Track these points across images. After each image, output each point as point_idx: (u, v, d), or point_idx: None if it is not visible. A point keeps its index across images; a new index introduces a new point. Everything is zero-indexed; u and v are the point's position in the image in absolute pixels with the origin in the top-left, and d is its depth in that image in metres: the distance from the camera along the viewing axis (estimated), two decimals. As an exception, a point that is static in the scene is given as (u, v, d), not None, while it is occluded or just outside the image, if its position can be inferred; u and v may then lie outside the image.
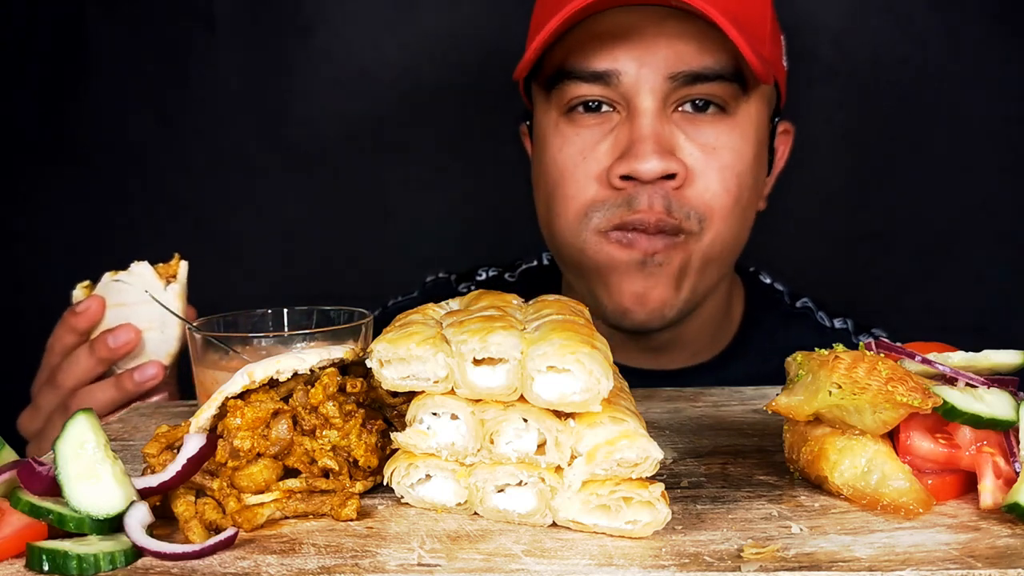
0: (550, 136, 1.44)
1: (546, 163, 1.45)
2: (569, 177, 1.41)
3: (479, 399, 0.86)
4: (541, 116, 1.47)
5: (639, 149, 1.34)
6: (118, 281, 1.35)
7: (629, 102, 1.37)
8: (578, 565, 0.77)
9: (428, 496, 0.89)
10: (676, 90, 1.36)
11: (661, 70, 1.35)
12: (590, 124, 1.40)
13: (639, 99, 1.36)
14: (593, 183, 1.40)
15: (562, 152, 1.42)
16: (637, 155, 1.34)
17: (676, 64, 1.35)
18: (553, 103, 1.43)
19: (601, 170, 1.39)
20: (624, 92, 1.37)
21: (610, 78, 1.36)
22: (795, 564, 0.75)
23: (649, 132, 1.35)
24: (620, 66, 1.36)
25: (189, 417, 0.92)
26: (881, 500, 0.85)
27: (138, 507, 0.82)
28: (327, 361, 0.94)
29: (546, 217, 1.47)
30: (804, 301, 1.67)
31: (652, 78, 1.35)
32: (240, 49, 2.09)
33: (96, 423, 0.84)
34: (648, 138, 1.35)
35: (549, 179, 1.44)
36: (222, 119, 2.11)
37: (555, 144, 1.43)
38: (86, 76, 2.10)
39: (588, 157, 1.40)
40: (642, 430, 0.83)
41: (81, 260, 2.14)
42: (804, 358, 0.93)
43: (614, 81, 1.36)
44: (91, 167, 2.12)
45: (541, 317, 0.91)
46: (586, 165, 1.40)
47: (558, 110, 1.43)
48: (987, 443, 0.86)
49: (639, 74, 1.35)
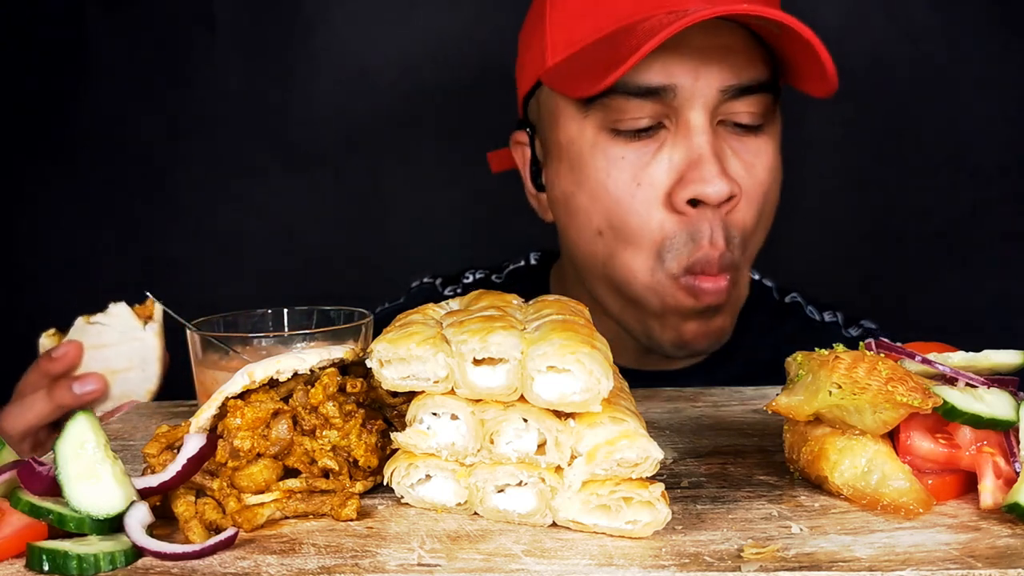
0: (588, 155, 1.36)
1: (590, 188, 1.37)
2: (627, 207, 1.33)
3: (479, 399, 0.86)
4: (572, 132, 1.38)
5: (705, 172, 1.29)
6: (95, 324, 1.34)
7: (680, 117, 1.31)
8: (578, 565, 0.77)
9: (428, 496, 0.89)
10: (724, 103, 1.32)
11: (715, 83, 1.30)
12: (637, 143, 1.33)
13: (693, 114, 1.30)
14: (656, 212, 1.33)
15: (611, 177, 1.34)
16: (705, 178, 1.28)
17: (729, 77, 1.30)
18: (591, 118, 1.35)
19: (660, 195, 1.32)
20: (678, 107, 1.30)
21: (666, 93, 1.29)
22: (795, 564, 0.75)
23: (710, 151, 1.30)
24: (676, 80, 1.29)
25: (189, 417, 0.92)
26: (881, 500, 0.85)
27: (138, 507, 0.82)
28: (327, 361, 0.94)
29: (599, 249, 1.40)
30: (793, 296, 1.66)
31: (707, 92, 1.29)
32: (240, 49, 2.09)
33: (96, 423, 0.84)
34: (711, 158, 1.29)
35: (597, 207, 1.36)
36: (222, 119, 2.11)
37: (599, 166, 1.35)
38: (86, 76, 2.10)
39: (643, 183, 1.32)
40: (642, 430, 0.83)
41: (81, 260, 2.14)
42: (804, 358, 0.93)
43: (669, 96, 1.29)
44: (91, 167, 2.13)
45: (541, 317, 0.91)
46: (643, 192, 1.33)
47: (598, 126, 1.34)
48: (987, 443, 0.86)
49: (695, 88, 1.29)
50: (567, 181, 1.41)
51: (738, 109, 1.33)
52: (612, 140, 1.34)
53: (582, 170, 1.37)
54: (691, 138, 1.31)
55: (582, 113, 1.36)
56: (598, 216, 1.38)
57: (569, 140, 1.39)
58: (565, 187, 1.42)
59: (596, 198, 1.37)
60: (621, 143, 1.34)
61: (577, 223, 1.42)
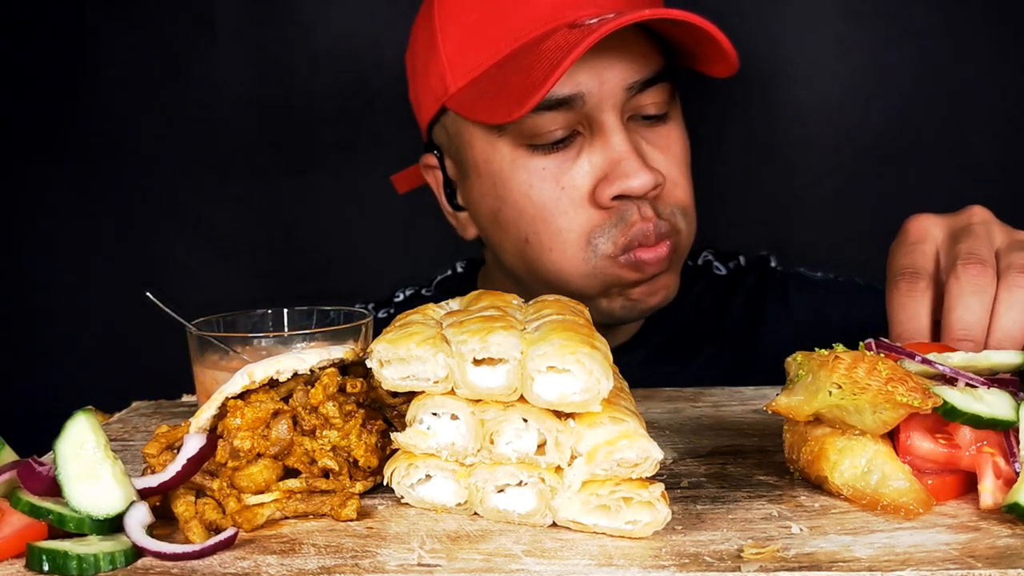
0: (509, 172, 1.39)
1: (512, 202, 1.40)
2: (553, 211, 1.38)
3: (479, 399, 0.86)
4: (488, 152, 1.41)
5: (626, 167, 1.34)
6: None
7: (593, 122, 1.36)
8: (578, 565, 0.77)
9: (428, 496, 0.89)
10: (630, 100, 1.37)
11: (619, 83, 1.35)
12: (556, 154, 1.37)
13: (604, 116, 1.35)
14: (582, 210, 1.37)
15: (534, 188, 1.38)
16: (627, 173, 1.33)
17: (631, 73, 1.36)
18: (506, 138, 1.38)
19: (584, 195, 1.37)
20: (588, 113, 1.35)
21: (575, 101, 1.34)
22: (795, 564, 0.76)
23: (628, 148, 1.35)
24: (583, 88, 1.33)
25: (189, 417, 0.92)
26: (881, 500, 0.85)
27: (138, 507, 0.82)
28: (327, 361, 0.94)
29: (529, 254, 1.43)
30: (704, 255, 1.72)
31: (614, 92, 1.35)
32: (240, 49, 2.09)
33: (96, 423, 0.85)
34: (631, 154, 1.34)
35: (524, 217, 1.40)
36: (222, 119, 2.11)
37: (521, 179, 1.38)
38: (86, 76, 2.10)
39: (567, 187, 1.37)
40: (642, 430, 0.83)
41: (81, 260, 2.14)
42: (804, 358, 0.93)
43: (579, 103, 1.34)
44: (91, 167, 2.12)
45: (541, 317, 0.91)
46: (567, 195, 1.37)
47: (514, 144, 1.38)
48: (987, 443, 0.86)
49: (601, 91, 1.34)
50: (490, 198, 1.44)
51: (644, 102, 1.38)
52: (531, 155, 1.38)
53: (504, 185, 1.41)
54: (607, 139, 1.36)
55: (495, 134, 1.39)
56: (525, 225, 1.41)
57: (486, 160, 1.42)
58: (489, 203, 1.45)
59: (521, 210, 1.40)
60: (540, 156, 1.38)
61: (504, 235, 1.45)
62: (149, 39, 2.09)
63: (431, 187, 1.59)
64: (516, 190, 1.39)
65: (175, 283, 2.07)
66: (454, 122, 1.46)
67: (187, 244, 2.14)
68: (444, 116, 1.47)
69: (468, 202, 1.51)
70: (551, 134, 1.35)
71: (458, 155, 1.48)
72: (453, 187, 1.53)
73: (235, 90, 2.10)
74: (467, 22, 1.40)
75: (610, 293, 1.43)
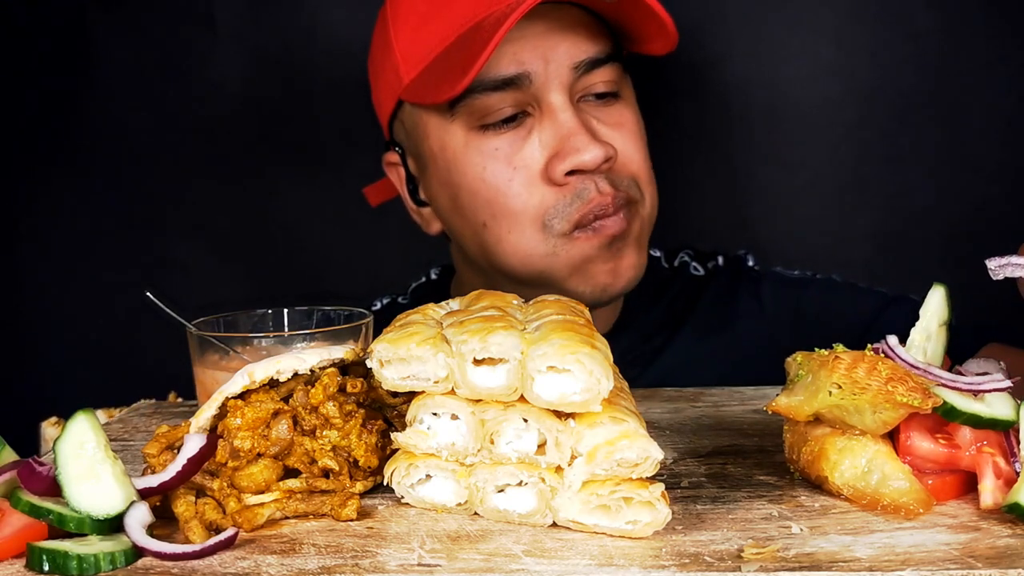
0: (463, 155, 1.41)
1: (468, 187, 1.41)
2: (506, 191, 1.39)
3: (479, 399, 0.86)
4: (443, 139, 1.42)
5: (576, 142, 1.36)
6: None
7: (541, 101, 1.38)
8: (578, 565, 0.77)
9: (428, 496, 0.89)
10: (578, 79, 1.39)
11: (565, 62, 1.37)
12: (507, 133, 1.39)
13: (552, 96, 1.37)
14: (536, 188, 1.38)
15: (487, 169, 1.39)
16: (577, 148, 1.35)
17: (577, 53, 1.38)
18: (458, 122, 1.40)
19: (537, 173, 1.38)
20: (536, 92, 1.37)
21: (522, 81, 1.36)
22: (795, 564, 0.76)
23: (578, 124, 1.37)
24: (528, 67, 1.36)
25: (189, 417, 0.92)
26: (881, 500, 0.85)
27: (138, 507, 0.82)
28: (327, 361, 0.94)
29: (487, 240, 1.43)
30: (682, 256, 1.72)
31: (560, 72, 1.37)
32: (240, 49, 2.09)
33: (96, 423, 0.84)
34: (580, 129, 1.36)
35: (479, 201, 1.41)
36: (222, 119, 2.11)
37: (475, 161, 1.40)
38: (86, 76, 2.10)
39: (518, 166, 1.38)
40: (642, 430, 0.83)
41: (82, 260, 2.14)
42: (804, 358, 0.93)
43: (525, 83, 1.36)
44: (91, 167, 2.12)
45: (541, 317, 0.91)
46: (520, 174, 1.38)
47: (466, 127, 1.39)
48: (987, 443, 0.86)
49: (547, 71, 1.36)
50: (447, 185, 1.46)
51: (593, 80, 1.41)
52: (483, 136, 1.40)
53: (459, 170, 1.42)
54: (556, 117, 1.38)
55: (448, 119, 1.41)
56: (481, 209, 1.42)
57: (441, 147, 1.44)
58: (447, 192, 1.46)
59: (476, 192, 1.41)
60: (491, 136, 1.39)
61: (463, 222, 1.46)
62: (149, 39, 2.09)
63: (395, 185, 1.60)
64: (470, 173, 1.41)
65: (175, 283, 2.07)
66: (410, 115, 1.47)
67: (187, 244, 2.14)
68: (401, 111, 1.49)
69: (429, 195, 1.53)
70: (500, 112, 1.37)
71: (417, 149, 1.49)
72: (416, 183, 1.55)
73: (235, 90, 2.10)
74: (416, 14, 1.43)
75: (576, 275, 1.42)
